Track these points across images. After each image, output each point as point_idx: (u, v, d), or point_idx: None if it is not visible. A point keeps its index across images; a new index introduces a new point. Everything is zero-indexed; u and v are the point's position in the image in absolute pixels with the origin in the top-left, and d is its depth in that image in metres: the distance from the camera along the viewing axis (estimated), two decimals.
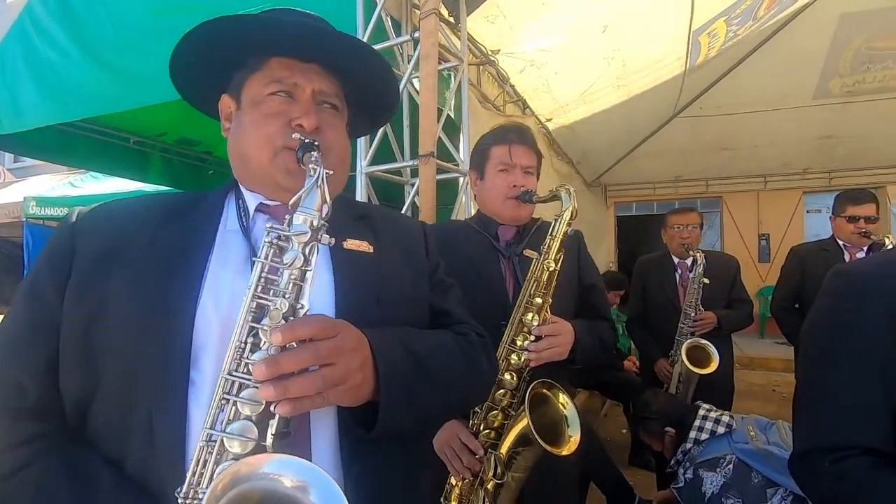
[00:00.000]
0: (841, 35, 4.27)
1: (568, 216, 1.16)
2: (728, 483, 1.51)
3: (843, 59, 4.44)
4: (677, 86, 4.41)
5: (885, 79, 4.50)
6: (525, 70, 3.12)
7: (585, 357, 1.23)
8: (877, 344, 0.78)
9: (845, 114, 4.86)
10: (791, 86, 4.71)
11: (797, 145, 5.41)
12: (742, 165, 5.83)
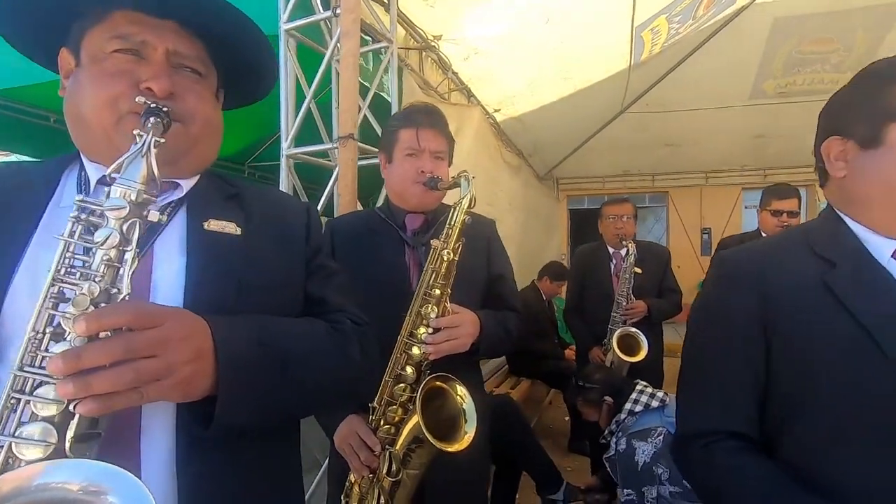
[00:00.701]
0: (774, 38, 4.46)
1: (466, 204, 1.13)
2: (658, 453, 1.59)
3: (776, 61, 4.65)
4: (623, 82, 4.50)
5: (813, 81, 4.75)
6: (470, 58, 3.08)
7: (489, 348, 1.20)
8: (745, 331, 0.79)
9: (778, 114, 5.11)
10: (729, 86, 4.90)
11: (735, 143, 5.65)
12: (685, 162, 6.04)
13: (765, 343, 0.78)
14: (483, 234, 1.38)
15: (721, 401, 0.81)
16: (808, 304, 0.75)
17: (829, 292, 0.74)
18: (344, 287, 0.84)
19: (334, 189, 1.74)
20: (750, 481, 0.73)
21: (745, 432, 0.78)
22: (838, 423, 0.71)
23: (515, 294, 1.40)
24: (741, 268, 0.84)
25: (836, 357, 0.72)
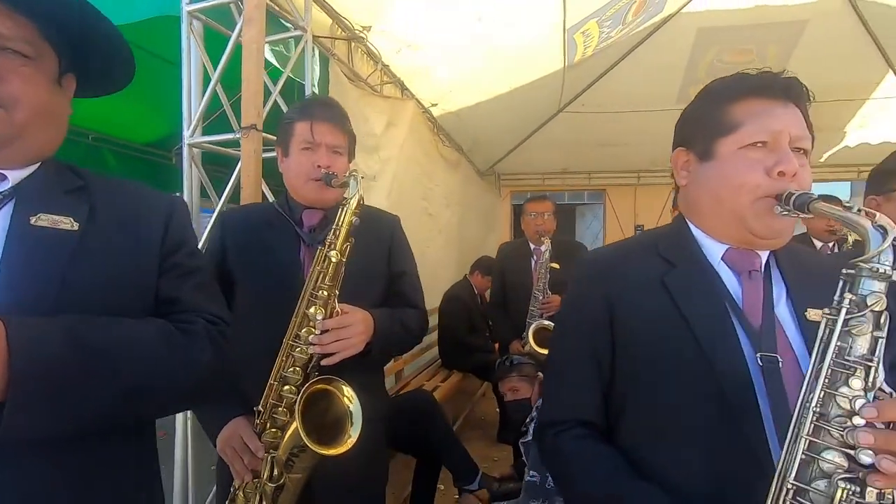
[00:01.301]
0: (698, 47, 4.73)
1: (354, 204, 1.11)
2: None
3: (700, 68, 4.93)
4: (559, 82, 4.62)
5: None
6: (402, 51, 3.06)
7: (385, 347, 1.20)
8: (592, 327, 0.84)
9: None
10: (658, 90, 5.15)
11: (664, 145, 5.85)
12: (619, 161, 6.30)
13: (610, 338, 0.83)
14: (385, 230, 1.38)
15: (571, 392, 0.86)
16: (645, 302, 0.81)
17: (666, 291, 0.80)
18: (204, 286, 0.82)
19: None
20: (588, 466, 0.79)
21: (592, 421, 0.84)
22: (660, 417, 0.77)
23: (417, 291, 1.41)
24: (592, 268, 0.90)
25: (661, 353, 0.77)
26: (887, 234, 0.60)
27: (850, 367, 0.59)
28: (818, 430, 0.59)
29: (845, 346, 0.60)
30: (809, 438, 0.59)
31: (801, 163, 0.77)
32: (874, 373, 0.58)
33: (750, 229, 0.78)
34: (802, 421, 0.60)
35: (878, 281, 0.59)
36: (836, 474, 0.57)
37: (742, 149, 0.79)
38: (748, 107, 0.80)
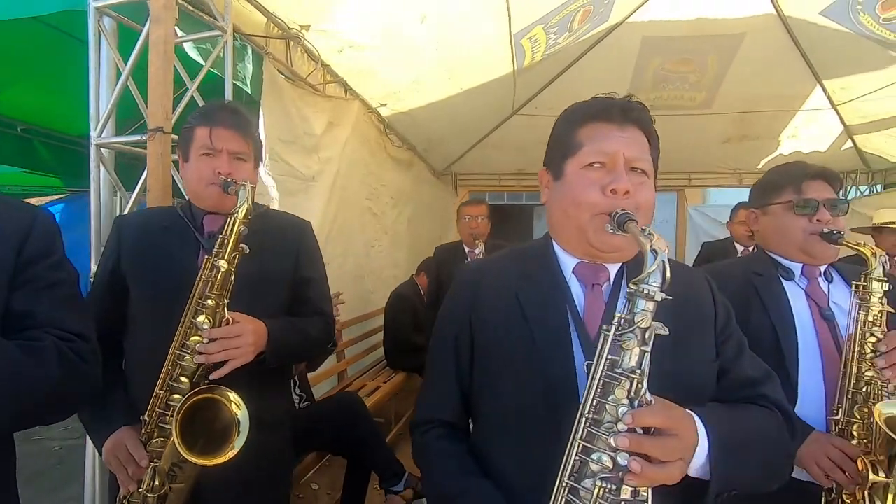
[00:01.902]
0: (643, 55, 4.89)
1: (242, 214, 1.11)
2: None
3: (646, 76, 5.10)
4: (510, 84, 4.68)
5: (675, 98, 5.28)
6: (344, 51, 3.04)
7: (281, 356, 1.20)
8: (457, 333, 0.90)
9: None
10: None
11: None
12: None
13: (470, 347, 0.88)
14: (293, 236, 1.39)
15: (436, 395, 0.93)
16: (500, 312, 0.86)
17: (518, 305, 0.85)
18: (66, 299, 0.81)
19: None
20: (441, 463, 0.86)
21: (452, 422, 0.91)
22: (503, 419, 0.82)
23: (324, 297, 1.42)
24: (463, 277, 0.96)
25: (507, 362, 0.83)
26: (657, 258, 0.66)
27: (618, 378, 0.65)
28: (590, 434, 0.65)
29: (617, 358, 0.66)
30: (582, 442, 0.66)
31: (638, 181, 0.83)
32: (636, 384, 0.64)
33: (591, 243, 0.84)
34: (579, 426, 0.66)
35: (646, 301, 0.66)
36: (601, 474, 0.63)
37: (583, 169, 0.85)
38: (589, 130, 0.87)
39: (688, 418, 0.69)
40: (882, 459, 0.96)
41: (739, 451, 0.72)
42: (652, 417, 0.64)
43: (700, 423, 0.71)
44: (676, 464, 0.64)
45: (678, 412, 0.68)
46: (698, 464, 0.70)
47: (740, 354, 0.85)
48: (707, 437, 0.70)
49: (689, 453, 0.66)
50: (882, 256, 1.10)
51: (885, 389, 1.03)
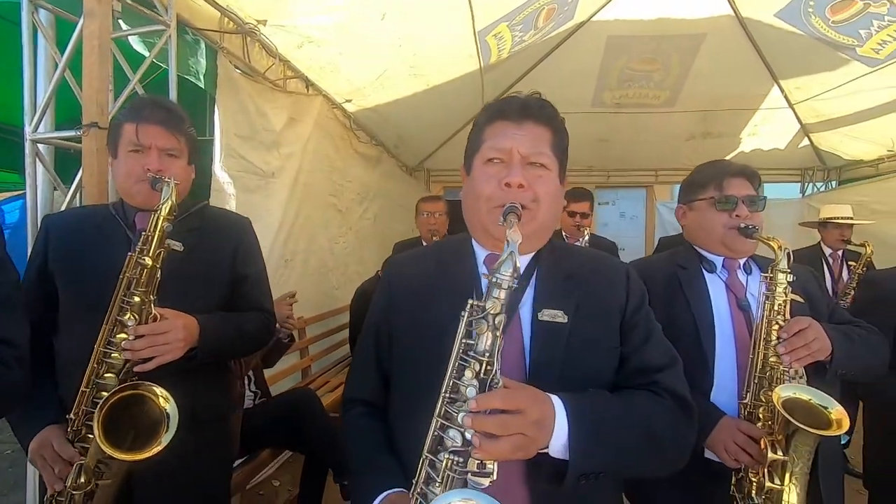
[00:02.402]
0: (609, 54, 4.98)
1: (165, 211, 1.11)
2: None
3: (612, 75, 5.20)
4: (478, 81, 4.71)
5: (640, 96, 5.38)
6: (304, 46, 3.02)
7: (212, 351, 1.21)
8: (378, 320, 0.97)
9: (616, 122, 5.72)
10: (574, 93, 5.37)
11: (583, 146, 6.21)
12: None
13: (389, 332, 0.93)
14: (232, 234, 1.39)
15: (359, 375, 1.00)
16: (413, 301, 0.91)
17: (428, 295, 0.89)
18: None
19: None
20: (357, 438, 0.92)
21: (372, 400, 0.96)
22: (407, 398, 0.87)
23: (263, 293, 1.43)
24: (388, 270, 1.02)
25: (412, 346, 0.87)
26: (508, 248, 0.70)
27: (470, 361, 0.70)
28: (447, 413, 0.71)
29: (471, 342, 0.70)
30: (440, 419, 0.71)
31: (536, 175, 0.87)
32: (485, 366, 0.69)
33: (492, 235, 0.88)
34: (439, 405, 0.72)
35: (499, 289, 0.70)
36: (452, 448, 0.68)
37: (484, 164, 0.89)
38: (492, 128, 0.91)
39: (538, 399, 0.73)
40: (780, 439, 1.03)
41: (604, 435, 0.75)
42: (494, 400, 0.68)
43: (560, 405, 0.75)
44: (513, 438, 0.67)
45: (524, 394, 0.72)
46: (559, 444, 0.73)
47: (646, 342, 0.89)
48: (567, 418, 0.73)
49: (534, 430, 0.69)
50: (786, 249, 1.16)
51: (786, 374, 1.10)
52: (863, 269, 3.45)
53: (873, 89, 4.22)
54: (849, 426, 0.97)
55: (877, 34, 3.75)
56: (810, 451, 1.00)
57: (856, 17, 3.71)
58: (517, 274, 0.71)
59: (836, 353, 1.11)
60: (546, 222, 0.90)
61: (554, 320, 0.85)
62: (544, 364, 0.83)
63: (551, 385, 0.79)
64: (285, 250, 3.03)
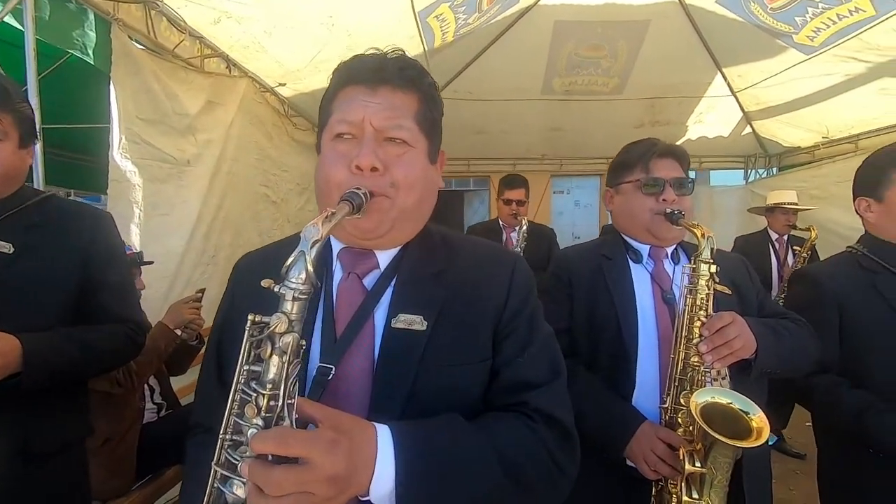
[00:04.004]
0: (557, 39, 4.89)
1: None
2: None
3: (560, 61, 5.12)
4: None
5: (590, 83, 5.34)
6: (221, 22, 2.76)
7: (43, 376, 1.00)
8: (219, 324, 0.83)
9: (567, 109, 5.67)
10: (523, 80, 5.28)
11: (536, 134, 6.15)
12: (495, 148, 6.40)
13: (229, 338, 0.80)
14: (84, 232, 1.15)
15: (199, 394, 0.87)
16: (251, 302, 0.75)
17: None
18: None
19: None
20: (190, 473, 0.79)
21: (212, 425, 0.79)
22: None
23: (125, 302, 1.21)
24: (237, 265, 0.88)
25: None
26: (300, 247, 0.58)
27: (252, 394, 0.56)
28: (228, 461, 0.56)
29: (258, 369, 0.56)
30: (218, 469, 0.57)
31: (396, 153, 0.72)
32: (269, 401, 0.54)
33: (343, 227, 0.73)
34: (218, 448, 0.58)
35: (288, 301, 0.57)
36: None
37: (332, 141, 0.74)
38: (342, 95, 0.75)
39: (340, 444, 0.55)
40: (699, 448, 0.93)
41: (444, 477, 0.61)
42: (266, 443, 0.52)
43: (388, 440, 0.59)
44: (289, 500, 0.51)
45: (318, 436, 0.55)
46: (382, 490, 0.58)
47: (522, 352, 0.75)
48: (395, 459, 0.58)
49: (326, 488, 0.52)
50: (710, 238, 1.07)
51: (708, 375, 1.01)
52: (807, 253, 3.53)
53: (809, 77, 4.32)
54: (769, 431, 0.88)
55: (811, 21, 3.81)
56: (730, 463, 0.91)
57: (791, 4, 3.75)
58: (312, 280, 0.56)
59: (761, 351, 1.03)
60: (411, 211, 0.75)
61: (410, 328, 0.71)
62: (392, 381, 0.69)
63: (399, 407, 0.66)
64: (207, 245, 2.78)
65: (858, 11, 3.53)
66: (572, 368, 1.17)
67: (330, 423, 0.57)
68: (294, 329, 0.56)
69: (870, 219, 1.33)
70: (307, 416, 0.57)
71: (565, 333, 1.23)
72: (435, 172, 0.81)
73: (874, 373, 1.21)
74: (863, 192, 1.35)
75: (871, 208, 1.32)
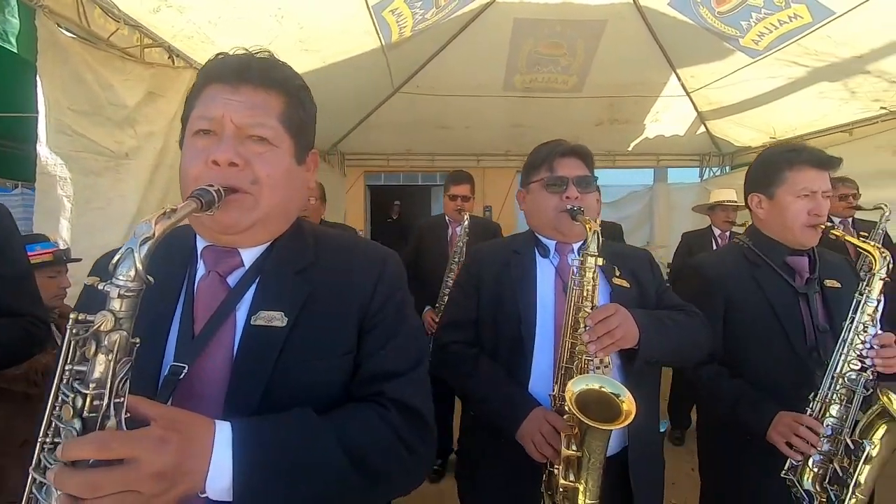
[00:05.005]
0: (516, 37, 4.93)
1: None
2: None
3: (520, 58, 5.17)
4: (382, 61, 4.51)
5: (549, 81, 5.41)
6: (161, 10, 2.69)
7: None
8: None
9: (527, 106, 5.73)
10: (485, 76, 5.31)
11: (499, 130, 6.20)
12: (460, 143, 6.43)
13: None
14: None
15: None
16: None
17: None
18: None
19: None
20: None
21: None
22: None
23: (23, 296, 1.20)
24: None
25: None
26: (128, 244, 0.58)
27: (71, 394, 0.55)
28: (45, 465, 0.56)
29: (83, 369, 0.56)
30: (34, 474, 0.57)
31: (257, 151, 0.74)
32: (92, 400, 0.55)
33: (202, 223, 0.75)
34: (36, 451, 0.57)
35: (115, 299, 0.57)
36: None
37: (192, 137, 0.75)
38: (205, 93, 0.77)
39: (169, 440, 0.56)
40: (576, 433, 0.98)
41: (283, 471, 0.62)
42: (83, 448, 0.52)
43: (227, 435, 0.60)
44: (111, 500, 0.50)
45: (145, 435, 0.55)
46: (220, 485, 0.59)
47: (384, 345, 0.77)
48: (232, 454, 0.59)
49: (153, 484, 0.53)
50: (595, 232, 1.12)
51: (591, 363, 1.06)
52: None
53: (756, 79, 4.48)
54: (633, 415, 0.94)
55: (755, 25, 3.95)
56: (602, 446, 0.96)
57: (737, 8, 3.88)
58: (142, 277, 0.57)
59: (644, 340, 1.08)
60: (275, 209, 0.76)
61: (269, 324, 0.73)
62: (248, 379, 0.71)
63: (255, 404, 0.67)
64: None
65: (797, 18, 3.68)
66: (477, 358, 1.22)
67: (163, 421, 0.57)
68: (122, 327, 0.56)
69: (760, 214, 1.41)
70: (140, 415, 0.58)
71: (472, 325, 1.27)
72: (302, 173, 0.83)
73: (751, 361, 1.29)
74: (755, 188, 1.42)
75: (761, 205, 1.40)
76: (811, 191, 1.32)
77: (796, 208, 1.33)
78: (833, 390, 1.18)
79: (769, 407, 1.23)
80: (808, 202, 1.32)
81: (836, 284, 1.34)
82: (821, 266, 1.37)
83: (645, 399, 1.17)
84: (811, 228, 1.32)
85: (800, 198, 1.33)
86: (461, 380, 1.22)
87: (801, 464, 1.20)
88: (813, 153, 1.34)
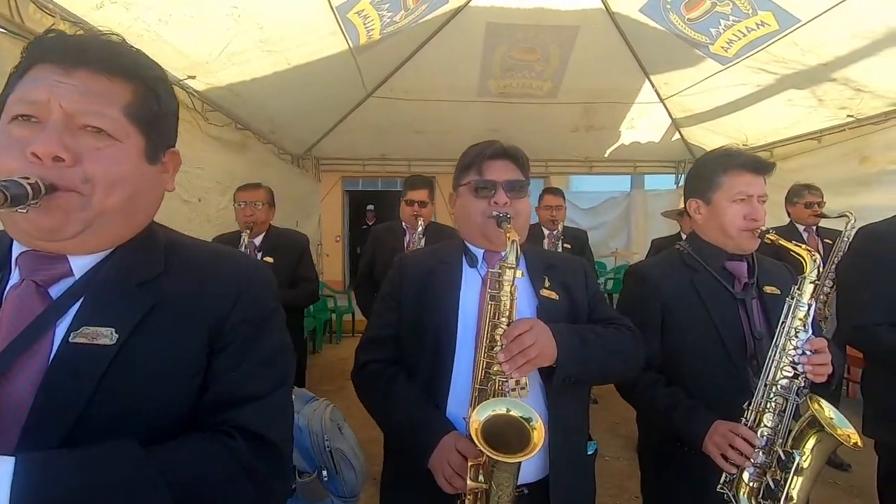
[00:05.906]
0: (489, 41, 4.89)
1: None
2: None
3: (494, 62, 5.13)
4: (352, 62, 4.43)
5: (524, 86, 5.37)
6: (105, 7, 2.58)
7: None
8: None
9: (503, 111, 5.68)
10: (459, 80, 5.25)
11: (476, 135, 6.07)
12: (437, 148, 6.35)
13: None
14: None
15: None
16: None
17: None
18: None
19: None
20: None
21: None
22: None
23: None
24: None
25: None
26: None
27: None
28: None
29: None
30: None
31: (93, 145, 0.64)
32: None
33: (15, 222, 0.65)
34: None
35: None
36: None
37: (8, 124, 0.64)
38: (30, 74, 0.66)
39: None
40: (484, 463, 0.90)
41: None
42: None
43: (8, 471, 0.51)
44: None
45: None
46: None
47: (235, 367, 0.69)
48: (9, 497, 0.50)
49: None
50: (515, 243, 1.04)
51: (506, 385, 0.97)
52: None
53: (727, 86, 4.48)
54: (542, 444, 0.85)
55: (724, 33, 3.95)
56: (510, 478, 0.87)
57: (706, 15, 3.88)
58: None
59: (562, 358, 1.00)
60: (114, 212, 0.66)
61: (93, 342, 0.63)
62: (57, 405, 0.61)
63: (64, 434, 0.58)
64: None
65: (764, 25, 3.68)
66: (393, 378, 1.13)
67: None
68: None
69: (698, 220, 1.36)
70: None
71: (391, 341, 1.18)
72: (156, 174, 0.73)
73: (687, 367, 1.24)
74: (693, 193, 1.38)
75: (699, 210, 1.35)
76: (747, 195, 1.28)
77: (732, 212, 1.29)
78: (766, 398, 1.12)
79: (705, 415, 1.18)
80: (744, 206, 1.28)
81: (775, 291, 1.29)
82: (760, 272, 1.33)
83: (569, 420, 1.09)
84: (748, 233, 1.28)
85: (735, 202, 1.29)
86: (375, 402, 1.13)
87: (737, 477, 1.13)
88: (748, 157, 1.30)
